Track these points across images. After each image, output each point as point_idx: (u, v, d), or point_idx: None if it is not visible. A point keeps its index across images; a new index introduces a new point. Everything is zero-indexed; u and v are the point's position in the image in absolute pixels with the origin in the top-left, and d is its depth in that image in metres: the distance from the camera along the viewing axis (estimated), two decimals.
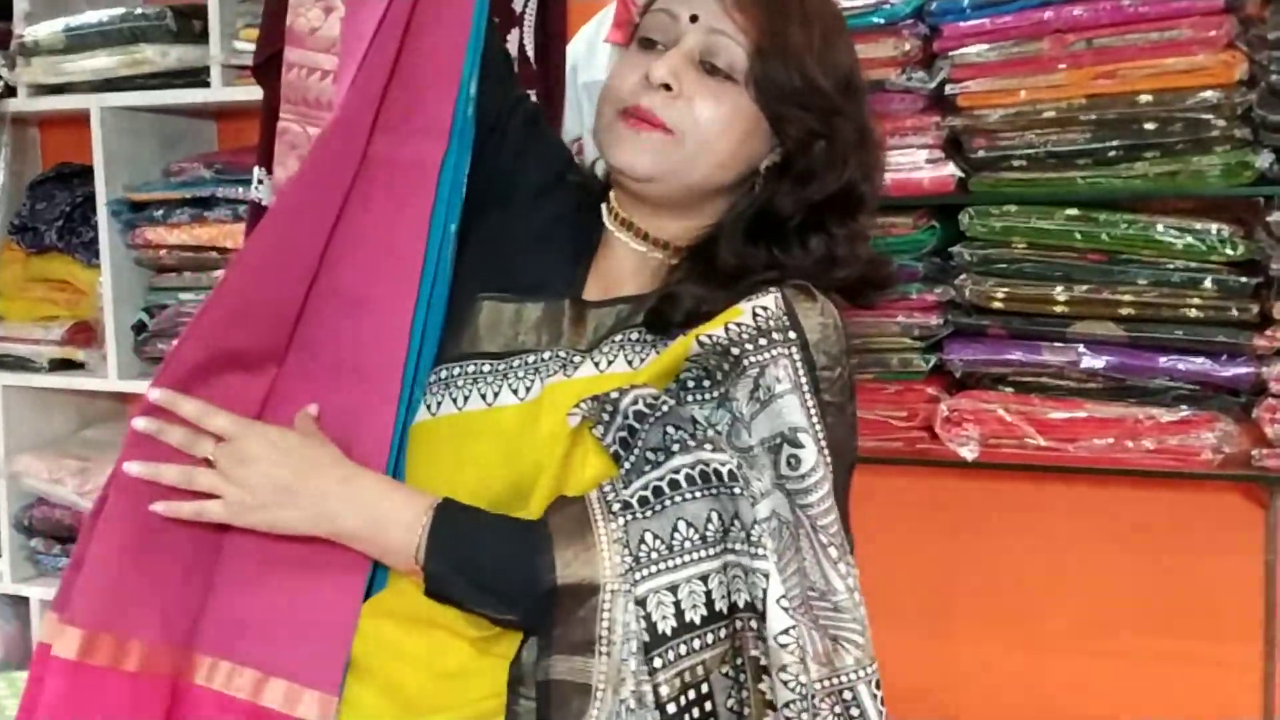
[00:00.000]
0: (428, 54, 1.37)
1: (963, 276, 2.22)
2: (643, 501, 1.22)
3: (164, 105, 2.83)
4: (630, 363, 1.34)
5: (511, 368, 1.37)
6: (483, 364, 1.38)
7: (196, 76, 2.75)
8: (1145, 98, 2.08)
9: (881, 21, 2.19)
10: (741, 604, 1.21)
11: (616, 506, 1.21)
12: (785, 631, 1.18)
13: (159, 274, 2.88)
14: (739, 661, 1.22)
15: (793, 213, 1.36)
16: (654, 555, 1.20)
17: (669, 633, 1.19)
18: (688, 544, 1.21)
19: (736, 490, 1.21)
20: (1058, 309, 2.17)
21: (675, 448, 1.24)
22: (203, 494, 1.27)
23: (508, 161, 1.46)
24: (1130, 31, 2.08)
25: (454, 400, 1.36)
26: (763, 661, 1.21)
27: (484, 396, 1.36)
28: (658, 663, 1.18)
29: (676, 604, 1.20)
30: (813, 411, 1.26)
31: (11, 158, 2.98)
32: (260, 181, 1.87)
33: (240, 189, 2.70)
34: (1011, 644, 2.44)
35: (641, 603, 1.19)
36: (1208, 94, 2.04)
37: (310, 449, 1.29)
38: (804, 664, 1.19)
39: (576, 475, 1.29)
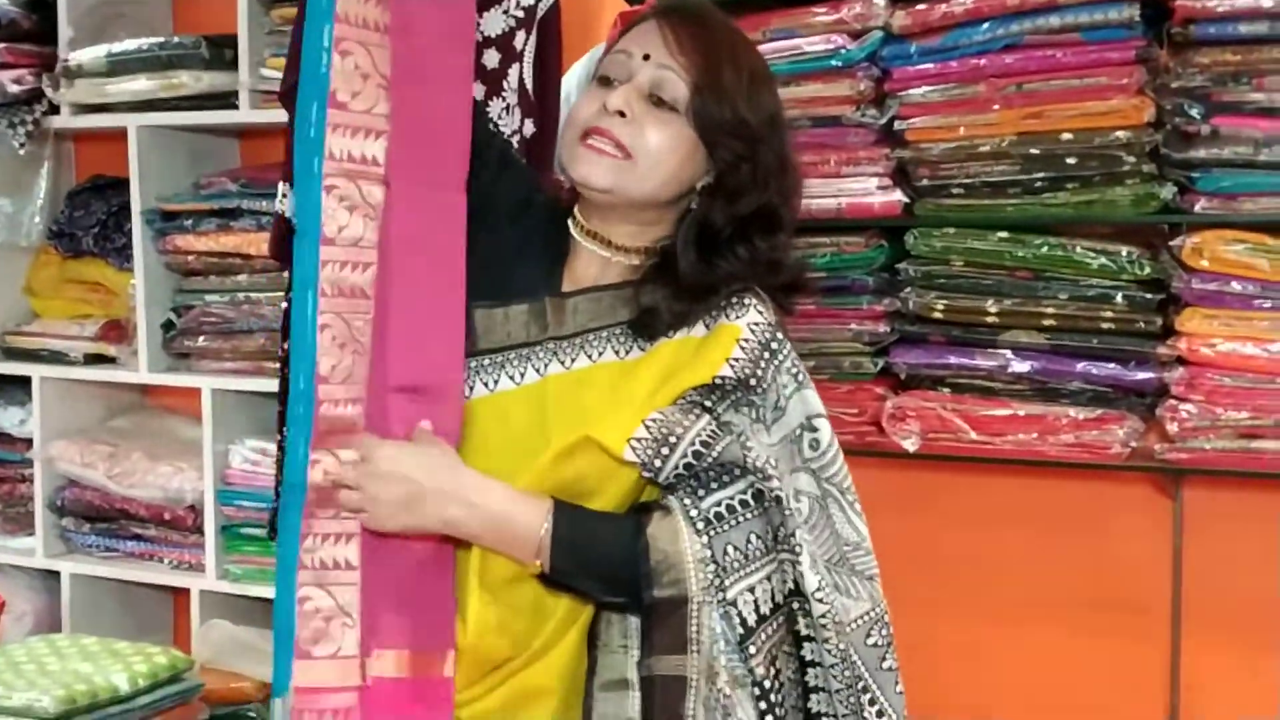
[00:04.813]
0: (444, 113, 1.56)
1: (908, 290, 2.43)
2: (718, 518, 1.46)
3: (195, 125, 3.02)
4: (618, 353, 1.56)
5: (507, 359, 1.57)
6: (483, 359, 1.57)
7: (225, 100, 2.94)
8: (1067, 136, 2.28)
9: (839, 64, 2.39)
10: (788, 593, 1.49)
11: (700, 525, 1.46)
12: (824, 615, 1.46)
13: (186, 277, 3.08)
14: (792, 638, 1.50)
15: (724, 226, 1.56)
16: (736, 564, 1.46)
17: (754, 624, 1.46)
18: (757, 552, 1.47)
19: (784, 510, 1.46)
20: (989, 319, 2.38)
21: (727, 478, 1.48)
22: None
23: (487, 191, 1.63)
24: (1055, 78, 2.28)
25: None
26: (804, 632, 1.49)
27: (486, 385, 1.56)
28: (751, 649, 1.46)
29: (755, 601, 1.47)
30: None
31: (52, 169, 3.17)
32: (284, 195, 2.00)
33: (263, 201, 2.90)
34: (949, 616, 2.63)
35: (733, 603, 1.45)
36: (1120, 134, 2.24)
37: (429, 458, 1.47)
38: (840, 630, 1.46)
39: (605, 483, 1.50)
